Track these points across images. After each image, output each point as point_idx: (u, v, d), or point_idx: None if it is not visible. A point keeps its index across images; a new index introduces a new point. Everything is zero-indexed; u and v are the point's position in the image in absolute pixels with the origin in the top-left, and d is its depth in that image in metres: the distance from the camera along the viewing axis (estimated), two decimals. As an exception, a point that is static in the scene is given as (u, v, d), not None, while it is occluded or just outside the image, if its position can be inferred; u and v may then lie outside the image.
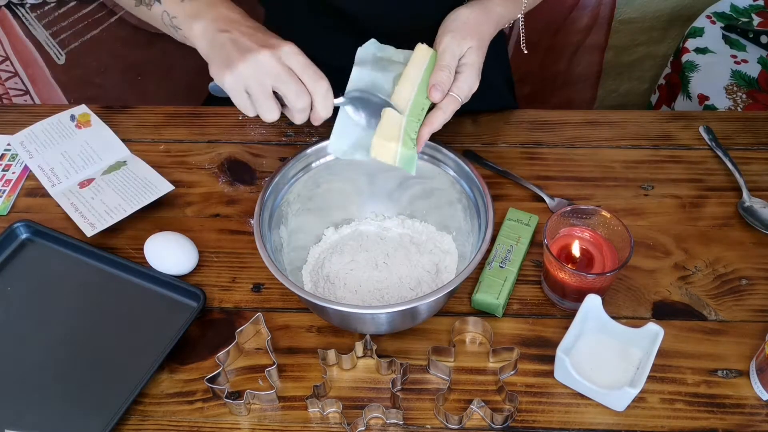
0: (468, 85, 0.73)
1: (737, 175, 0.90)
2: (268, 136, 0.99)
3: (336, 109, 0.72)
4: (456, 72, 0.72)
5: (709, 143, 0.95)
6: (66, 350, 0.77)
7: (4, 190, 0.94)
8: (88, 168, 0.95)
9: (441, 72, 0.71)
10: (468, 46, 0.72)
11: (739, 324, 0.77)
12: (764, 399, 0.72)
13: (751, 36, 1.47)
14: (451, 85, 0.72)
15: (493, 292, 0.77)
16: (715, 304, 0.79)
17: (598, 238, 0.78)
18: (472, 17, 0.73)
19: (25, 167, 0.97)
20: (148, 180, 0.92)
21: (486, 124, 0.99)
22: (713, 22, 1.52)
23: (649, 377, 0.69)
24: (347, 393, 0.74)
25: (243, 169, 0.95)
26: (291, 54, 0.67)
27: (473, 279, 0.79)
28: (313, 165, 0.81)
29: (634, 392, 0.67)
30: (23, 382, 0.75)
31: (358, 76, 0.73)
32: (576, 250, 0.77)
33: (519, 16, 0.80)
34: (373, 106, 0.72)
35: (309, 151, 0.80)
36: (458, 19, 0.73)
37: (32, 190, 0.94)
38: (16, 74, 1.67)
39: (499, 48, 1.07)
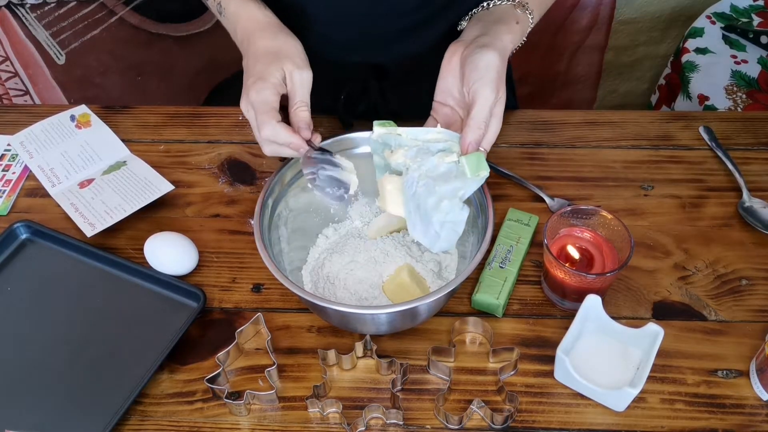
0: (495, 135, 0.72)
1: (737, 175, 0.90)
2: (268, 136, 0.99)
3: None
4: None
5: (709, 143, 0.95)
6: (66, 350, 0.77)
7: (4, 190, 0.94)
8: (88, 168, 0.95)
9: (479, 130, 0.70)
10: (500, 97, 0.71)
11: (739, 324, 0.77)
12: (764, 399, 0.72)
13: (751, 36, 1.47)
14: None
15: (493, 292, 0.77)
16: (715, 304, 0.79)
17: (598, 238, 0.78)
18: (500, 65, 0.71)
19: (25, 167, 0.97)
20: (148, 180, 0.92)
21: (486, 124, 0.99)
22: (713, 23, 1.52)
23: (649, 377, 0.69)
24: (347, 393, 0.74)
25: (243, 169, 0.95)
26: (249, 103, 0.73)
27: (473, 279, 0.79)
28: (313, 165, 0.81)
29: (634, 392, 0.67)
30: (23, 382, 0.74)
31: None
32: (576, 251, 0.77)
33: (519, 44, 0.80)
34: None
35: (309, 151, 0.80)
36: (491, 68, 0.70)
37: (32, 190, 0.94)
38: (16, 74, 1.67)
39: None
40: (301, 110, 0.73)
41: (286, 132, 0.72)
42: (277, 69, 0.73)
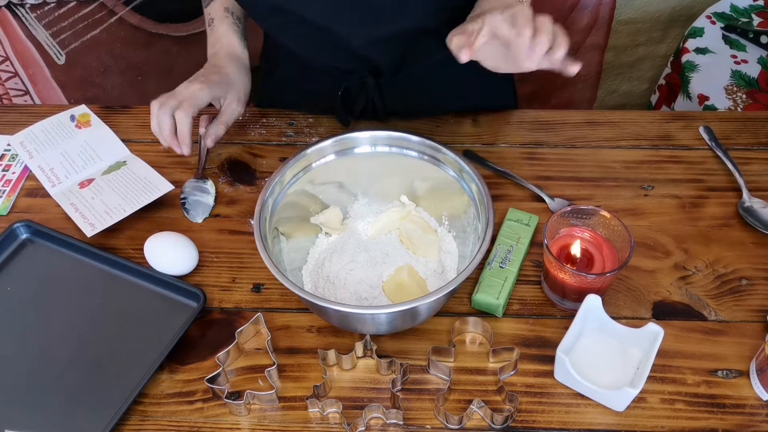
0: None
1: (737, 175, 0.90)
2: (268, 137, 0.99)
3: None
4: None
5: (709, 143, 0.95)
6: (66, 350, 0.77)
7: (4, 190, 0.94)
8: (88, 168, 0.95)
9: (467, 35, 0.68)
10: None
11: (739, 324, 0.77)
12: (764, 399, 0.72)
13: (751, 36, 1.47)
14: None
15: (493, 292, 0.77)
16: (715, 304, 0.79)
17: (598, 238, 0.78)
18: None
19: (25, 167, 0.97)
20: (148, 180, 0.92)
21: (486, 124, 0.99)
22: (713, 23, 1.52)
23: (649, 377, 0.69)
24: (347, 393, 0.74)
25: (243, 169, 0.95)
26: (189, 88, 0.87)
27: (473, 279, 0.79)
28: (313, 165, 0.81)
29: (634, 392, 0.67)
30: (23, 382, 0.74)
31: None
32: (576, 250, 0.77)
33: None
34: None
35: (309, 151, 0.80)
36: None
37: (32, 190, 0.94)
38: (16, 74, 1.67)
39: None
40: (219, 128, 0.89)
41: (188, 130, 0.84)
42: (225, 91, 0.89)
